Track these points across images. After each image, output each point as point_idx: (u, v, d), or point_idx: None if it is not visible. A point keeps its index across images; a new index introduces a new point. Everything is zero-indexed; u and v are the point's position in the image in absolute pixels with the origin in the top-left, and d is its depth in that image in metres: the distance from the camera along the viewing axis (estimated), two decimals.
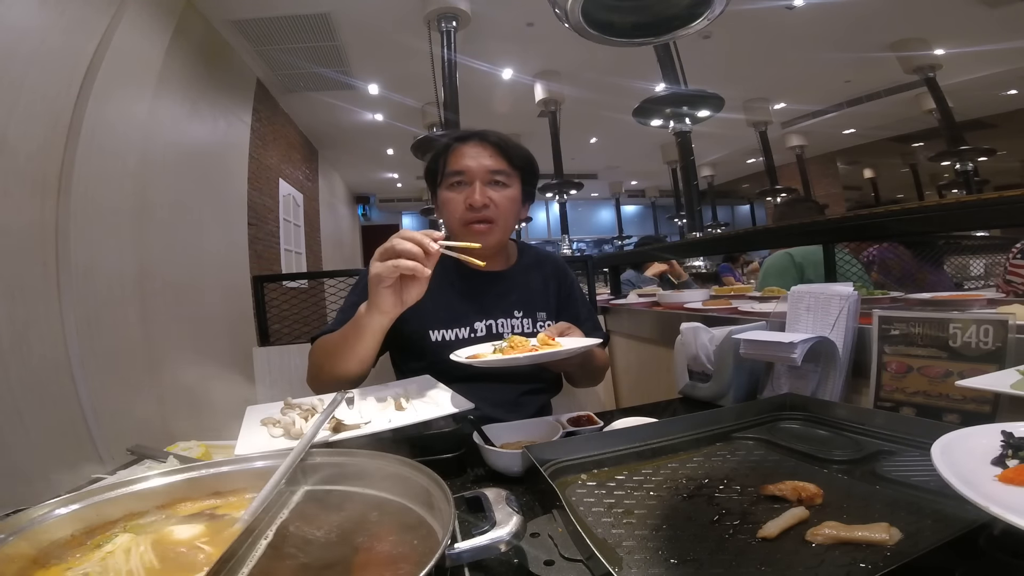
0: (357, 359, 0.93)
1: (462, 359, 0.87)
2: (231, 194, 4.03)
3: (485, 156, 1.09)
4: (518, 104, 5.14)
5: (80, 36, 2.27)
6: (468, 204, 1.07)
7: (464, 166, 1.09)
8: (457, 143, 1.11)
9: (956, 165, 4.95)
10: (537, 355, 0.85)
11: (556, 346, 0.89)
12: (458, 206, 1.09)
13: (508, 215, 1.12)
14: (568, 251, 4.71)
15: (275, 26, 3.72)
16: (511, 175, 1.12)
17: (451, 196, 1.10)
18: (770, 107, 6.07)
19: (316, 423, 0.61)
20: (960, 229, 1.99)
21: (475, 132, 1.13)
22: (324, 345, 1.00)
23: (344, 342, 0.92)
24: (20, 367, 1.84)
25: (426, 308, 0.97)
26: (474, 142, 1.11)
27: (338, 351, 0.94)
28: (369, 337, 0.89)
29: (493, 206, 1.08)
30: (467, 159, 1.09)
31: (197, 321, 3.19)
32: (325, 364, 0.97)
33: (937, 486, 0.44)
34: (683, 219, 6.74)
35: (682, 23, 1.27)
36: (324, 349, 0.99)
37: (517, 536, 0.41)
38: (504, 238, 1.15)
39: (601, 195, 10.85)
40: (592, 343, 0.92)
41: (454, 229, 1.12)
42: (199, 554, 0.43)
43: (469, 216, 1.08)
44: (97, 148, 2.30)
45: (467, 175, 1.09)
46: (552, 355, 0.86)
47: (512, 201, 1.12)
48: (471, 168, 1.08)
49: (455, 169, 1.09)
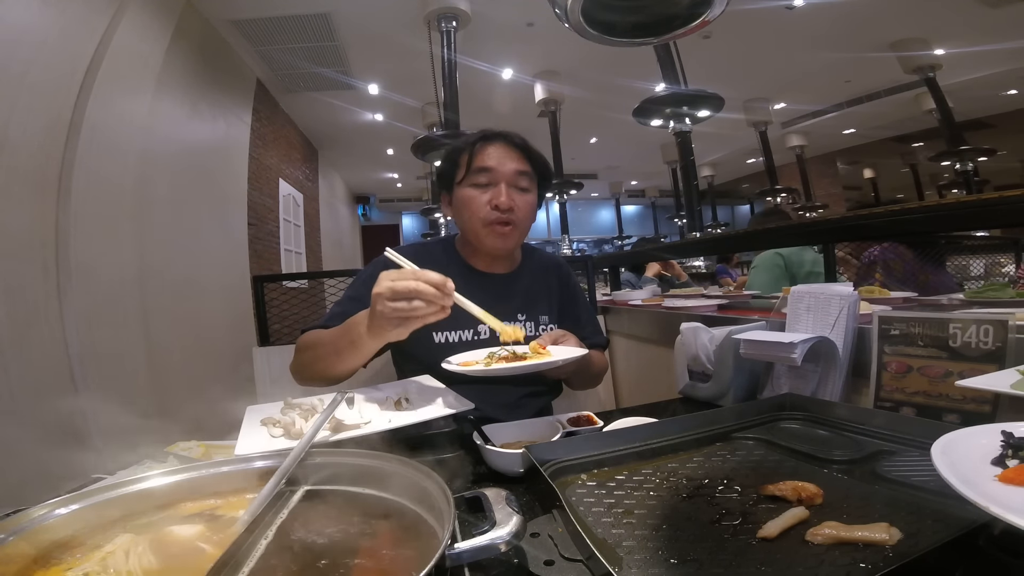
0: (345, 367, 0.91)
1: (453, 367, 0.83)
2: (231, 194, 4.03)
3: (511, 158, 1.08)
4: (518, 104, 5.14)
5: (80, 36, 2.27)
6: (494, 205, 1.06)
7: (491, 165, 1.07)
8: (483, 142, 1.09)
9: (956, 165, 4.95)
10: (524, 365, 0.82)
11: (546, 355, 0.87)
12: (482, 206, 1.07)
13: (527, 220, 1.12)
14: (568, 251, 4.71)
15: (275, 26, 3.72)
16: (532, 179, 1.12)
17: (474, 195, 1.08)
18: (770, 107, 6.07)
19: (316, 423, 0.61)
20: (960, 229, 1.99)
21: (500, 133, 1.11)
22: (314, 345, 0.97)
23: (335, 352, 0.89)
24: (20, 367, 1.84)
25: None
26: (500, 143, 1.09)
27: (328, 357, 0.91)
28: (365, 353, 0.87)
29: (516, 209, 1.08)
30: (494, 159, 1.07)
31: (197, 321, 3.18)
32: (313, 364, 0.94)
33: (937, 486, 0.44)
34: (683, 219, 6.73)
35: (682, 23, 1.26)
36: (314, 350, 0.96)
37: (517, 536, 0.41)
38: (520, 242, 1.16)
39: (601, 195, 10.85)
40: (581, 353, 0.87)
41: (475, 229, 1.09)
42: (199, 554, 0.43)
43: (493, 216, 1.07)
44: (97, 148, 2.30)
45: (493, 175, 1.07)
46: (540, 366, 0.84)
47: (532, 207, 1.12)
48: (497, 169, 1.07)
49: (482, 166, 1.07)
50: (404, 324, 0.77)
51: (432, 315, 0.76)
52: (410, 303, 0.74)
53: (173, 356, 2.80)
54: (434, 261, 1.06)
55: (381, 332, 0.79)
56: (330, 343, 0.91)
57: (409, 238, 10.88)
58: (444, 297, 0.76)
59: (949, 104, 4.78)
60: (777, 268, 2.42)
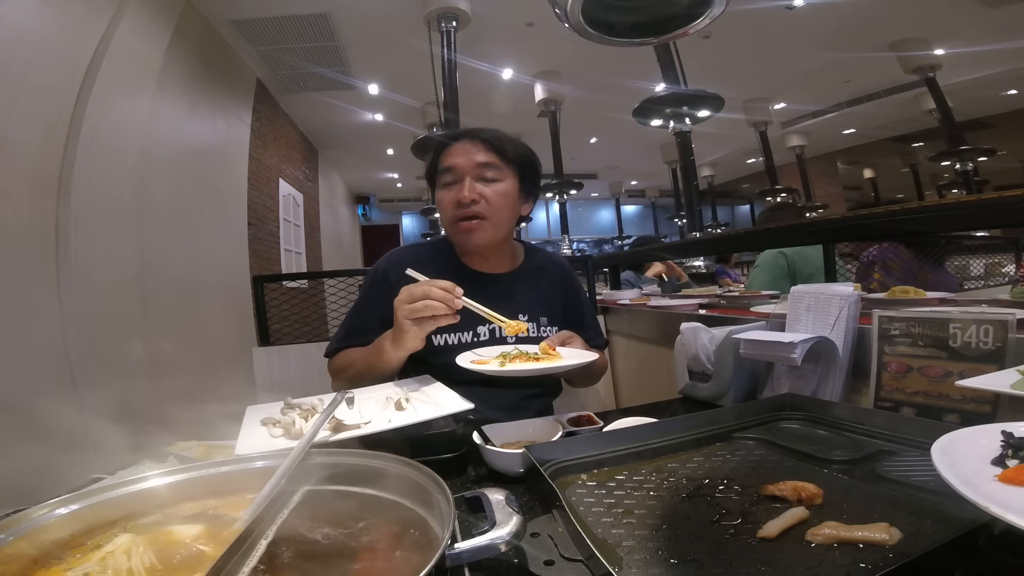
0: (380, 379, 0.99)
1: (466, 364, 0.88)
2: (231, 194, 4.03)
3: (475, 152, 1.08)
4: (518, 104, 5.14)
5: (80, 36, 2.27)
6: (457, 201, 1.06)
7: (453, 163, 1.08)
8: (450, 141, 1.11)
9: (956, 165, 4.95)
10: (539, 367, 0.88)
11: (557, 357, 0.92)
12: (449, 205, 1.08)
13: (500, 210, 1.08)
14: (568, 251, 4.70)
15: (275, 26, 3.72)
16: (502, 169, 1.09)
17: (443, 195, 1.10)
18: (770, 107, 6.06)
19: (316, 423, 0.61)
20: (960, 229, 1.99)
21: (466, 130, 1.12)
22: (347, 368, 1.06)
23: (370, 370, 1.00)
24: (20, 367, 1.84)
25: None
26: (465, 140, 1.10)
27: (364, 375, 1.00)
28: (395, 367, 0.98)
29: (484, 202, 1.06)
30: (457, 156, 1.08)
31: (197, 321, 3.18)
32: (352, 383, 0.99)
33: (937, 486, 0.44)
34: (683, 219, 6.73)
35: (682, 23, 1.27)
36: (349, 371, 1.05)
37: (517, 536, 0.41)
38: (499, 235, 1.11)
39: (601, 195, 10.84)
40: (592, 358, 0.92)
41: (446, 228, 1.12)
42: (199, 554, 0.43)
43: (458, 213, 1.07)
44: (97, 148, 2.30)
45: (456, 171, 1.07)
46: (552, 369, 0.89)
47: (504, 196, 1.09)
48: (460, 165, 1.07)
49: (445, 166, 1.09)
50: (420, 325, 0.88)
51: (444, 318, 0.87)
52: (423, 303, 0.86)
53: (173, 356, 2.79)
54: (433, 266, 1.07)
55: (402, 338, 0.90)
56: (363, 361, 1.03)
57: (409, 238, 10.88)
58: (453, 300, 0.87)
59: (949, 104, 4.78)
60: (779, 268, 2.40)
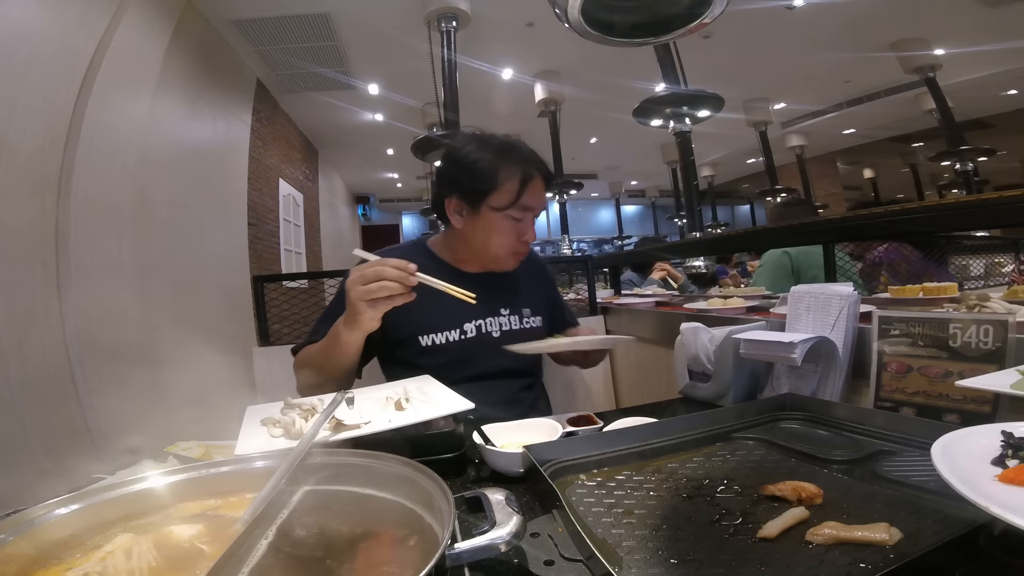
0: (340, 371, 0.96)
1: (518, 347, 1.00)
2: (231, 194, 4.03)
3: (544, 192, 1.11)
4: (518, 104, 5.14)
5: (80, 36, 2.27)
6: (524, 239, 1.09)
7: (535, 204, 1.08)
8: (533, 176, 1.07)
9: (956, 165, 4.95)
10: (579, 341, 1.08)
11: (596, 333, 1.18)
12: (512, 238, 1.08)
13: None
14: (568, 251, 4.70)
15: (275, 26, 3.72)
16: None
17: (507, 226, 1.07)
18: (770, 107, 6.06)
19: (316, 423, 0.61)
20: (960, 229, 1.99)
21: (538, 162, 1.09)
22: (307, 362, 1.03)
23: (327, 359, 0.96)
24: (20, 367, 1.84)
25: (415, 314, 0.98)
26: (539, 177, 1.09)
27: (323, 368, 0.97)
28: (352, 352, 0.93)
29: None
30: (539, 196, 1.08)
31: (197, 321, 3.18)
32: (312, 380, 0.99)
33: (937, 486, 0.44)
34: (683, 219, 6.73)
35: (682, 23, 1.26)
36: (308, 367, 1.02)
37: (517, 536, 0.41)
38: None
39: (601, 195, 10.84)
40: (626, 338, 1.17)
41: (497, 254, 1.10)
42: (199, 554, 0.43)
43: (521, 249, 1.10)
44: (97, 148, 2.30)
45: (535, 212, 1.09)
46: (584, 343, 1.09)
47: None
48: (538, 208, 1.09)
49: (531, 205, 1.07)
50: (374, 307, 0.84)
51: (400, 297, 0.83)
52: (378, 283, 0.82)
53: (173, 356, 2.79)
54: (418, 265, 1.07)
55: (355, 319, 0.86)
56: (321, 355, 0.98)
57: (409, 238, 10.84)
58: (407, 277, 0.83)
59: (949, 104, 4.78)
60: (782, 268, 2.38)
